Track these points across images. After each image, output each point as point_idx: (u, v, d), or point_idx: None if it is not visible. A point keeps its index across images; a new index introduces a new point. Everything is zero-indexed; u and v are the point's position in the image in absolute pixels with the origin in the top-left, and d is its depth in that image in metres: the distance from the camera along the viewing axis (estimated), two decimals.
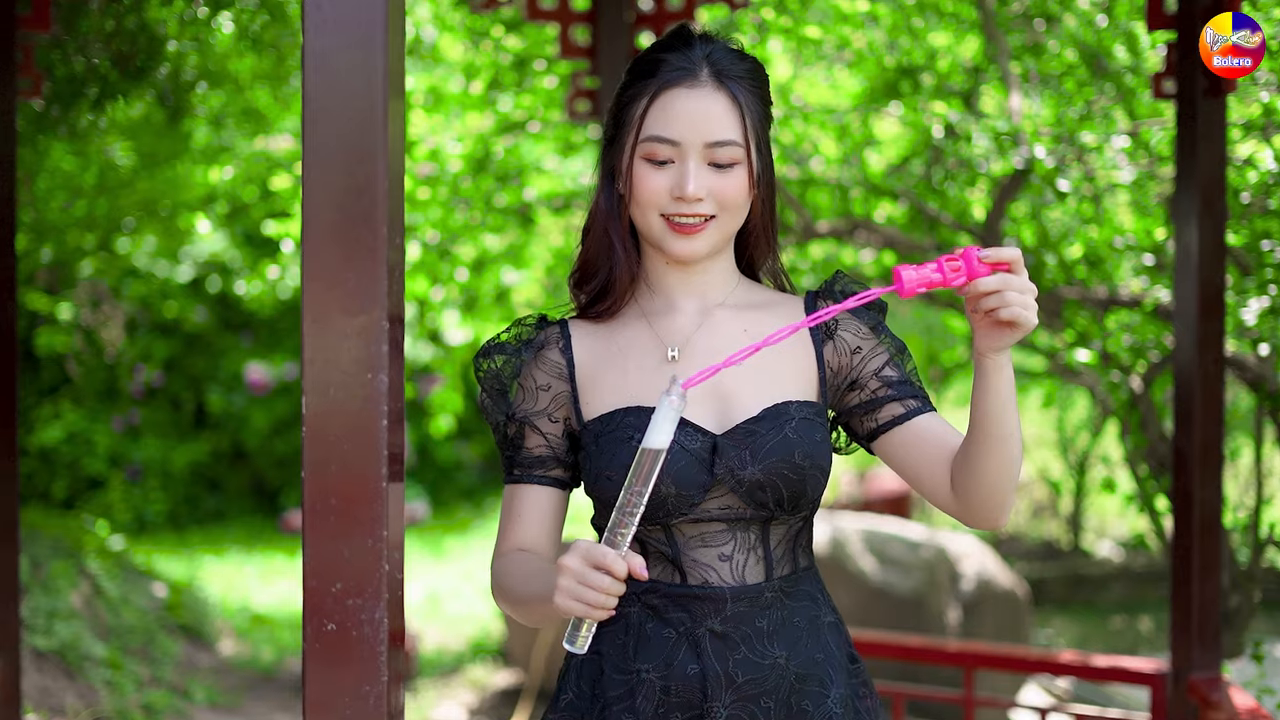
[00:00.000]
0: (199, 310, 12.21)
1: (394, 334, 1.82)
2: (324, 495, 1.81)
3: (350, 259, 1.79)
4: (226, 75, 6.67)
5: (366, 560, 1.81)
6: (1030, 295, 2.07)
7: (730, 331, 2.37)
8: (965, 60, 5.80)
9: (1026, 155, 4.98)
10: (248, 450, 12.51)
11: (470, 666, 8.27)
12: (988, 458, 2.18)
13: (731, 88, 2.30)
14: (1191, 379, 3.98)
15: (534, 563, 2.35)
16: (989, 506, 2.23)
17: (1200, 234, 3.97)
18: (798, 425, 2.28)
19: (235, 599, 9.62)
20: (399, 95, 1.85)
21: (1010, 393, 2.16)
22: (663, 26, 4.95)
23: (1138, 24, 5.56)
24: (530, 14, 4.94)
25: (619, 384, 2.37)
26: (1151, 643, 8.89)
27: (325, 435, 1.80)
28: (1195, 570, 4.02)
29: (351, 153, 1.79)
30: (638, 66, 2.36)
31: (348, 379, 1.80)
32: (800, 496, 2.28)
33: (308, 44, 1.79)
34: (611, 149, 2.39)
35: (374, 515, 1.81)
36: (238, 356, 12.39)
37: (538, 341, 2.43)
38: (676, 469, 2.25)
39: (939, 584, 7.07)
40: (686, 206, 2.28)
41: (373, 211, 1.78)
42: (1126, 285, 5.37)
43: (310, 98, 1.79)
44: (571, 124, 5.13)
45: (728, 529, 2.30)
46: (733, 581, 2.30)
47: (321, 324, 1.80)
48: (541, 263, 7.17)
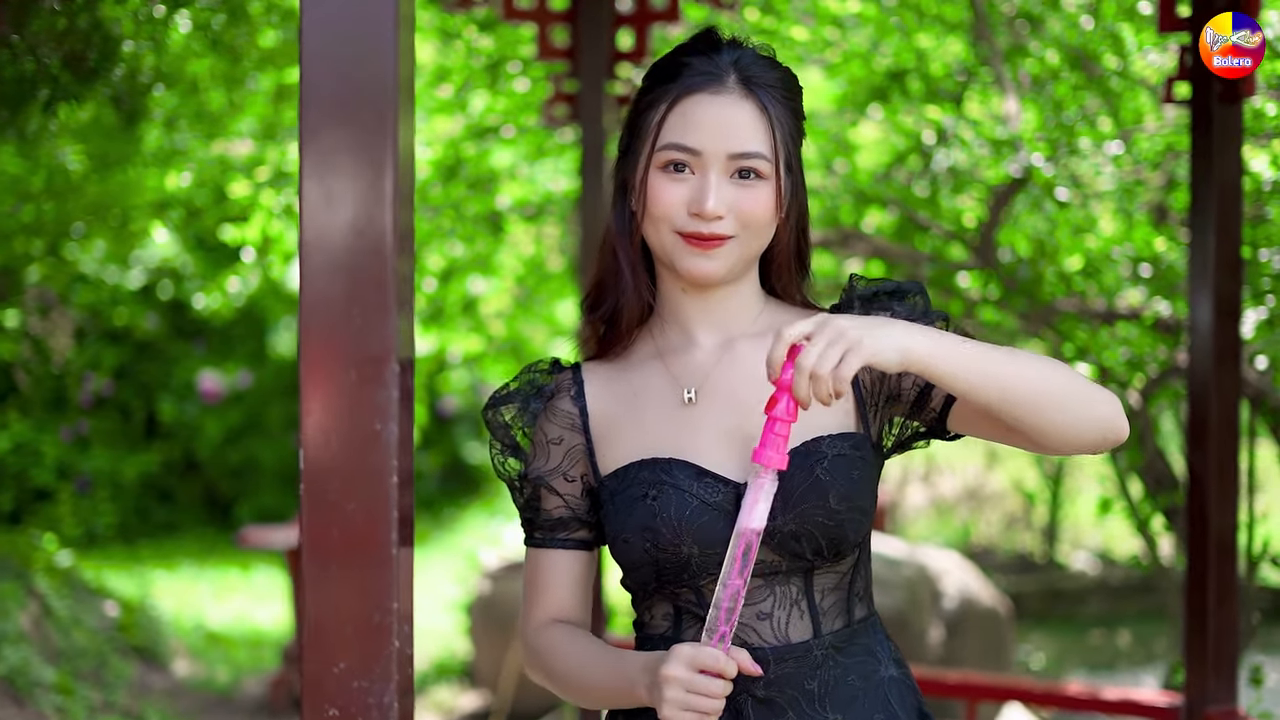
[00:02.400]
0: (150, 317, 11.97)
1: (404, 380, 1.59)
2: (325, 563, 1.58)
3: (355, 293, 1.56)
4: (182, 77, 6.42)
5: (374, 637, 1.58)
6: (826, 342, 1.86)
7: (752, 365, 2.12)
8: (956, 63, 5.61)
9: (1024, 163, 4.80)
10: (200, 461, 12.26)
11: (434, 688, 8.04)
12: (1026, 418, 1.95)
13: (760, 96, 2.07)
14: (1207, 394, 3.80)
15: (588, 646, 2.16)
16: (1080, 436, 1.98)
17: (1217, 243, 3.79)
18: (831, 464, 2.05)
19: (189, 616, 9.37)
20: (409, 101, 1.63)
21: (972, 367, 1.92)
22: (645, 27, 4.76)
23: (1124, 26, 5.41)
24: (506, 14, 4.72)
25: (635, 434, 2.14)
26: (1133, 655, 8.76)
27: (326, 495, 1.57)
28: (1211, 597, 3.85)
29: (352, 167, 1.57)
30: (658, 71, 2.13)
31: (352, 431, 1.56)
32: (841, 542, 2.05)
33: (306, 52, 1.56)
34: (625, 161, 2.15)
35: (382, 585, 1.58)
36: (190, 364, 12.15)
37: (548, 390, 2.21)
38: (697, 526, 2.03)
39: (920, 602, 6.88)
40: (704, 225, 2.05)
41: (380, 240, 1.56)
42: (1124, 297, 5.20)
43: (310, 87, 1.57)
44: (548, 129, 4.90)
45: (764, 584, 2.07)
46: (774, 641, 2.07)
47: (321, 367, 1.57)
48: (511, 272, 6.95)
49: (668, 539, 2.03)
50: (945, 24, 5.57)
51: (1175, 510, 5.29)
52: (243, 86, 6.82)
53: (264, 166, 6.67)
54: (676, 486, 2.05)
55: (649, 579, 2.09)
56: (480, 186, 6.13)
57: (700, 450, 2.09)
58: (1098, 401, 1.98)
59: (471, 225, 6.19)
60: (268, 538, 7.88)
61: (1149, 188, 5.49)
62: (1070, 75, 5.41)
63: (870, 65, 5.57)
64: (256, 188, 6.50)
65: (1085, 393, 1.98)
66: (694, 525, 2.02)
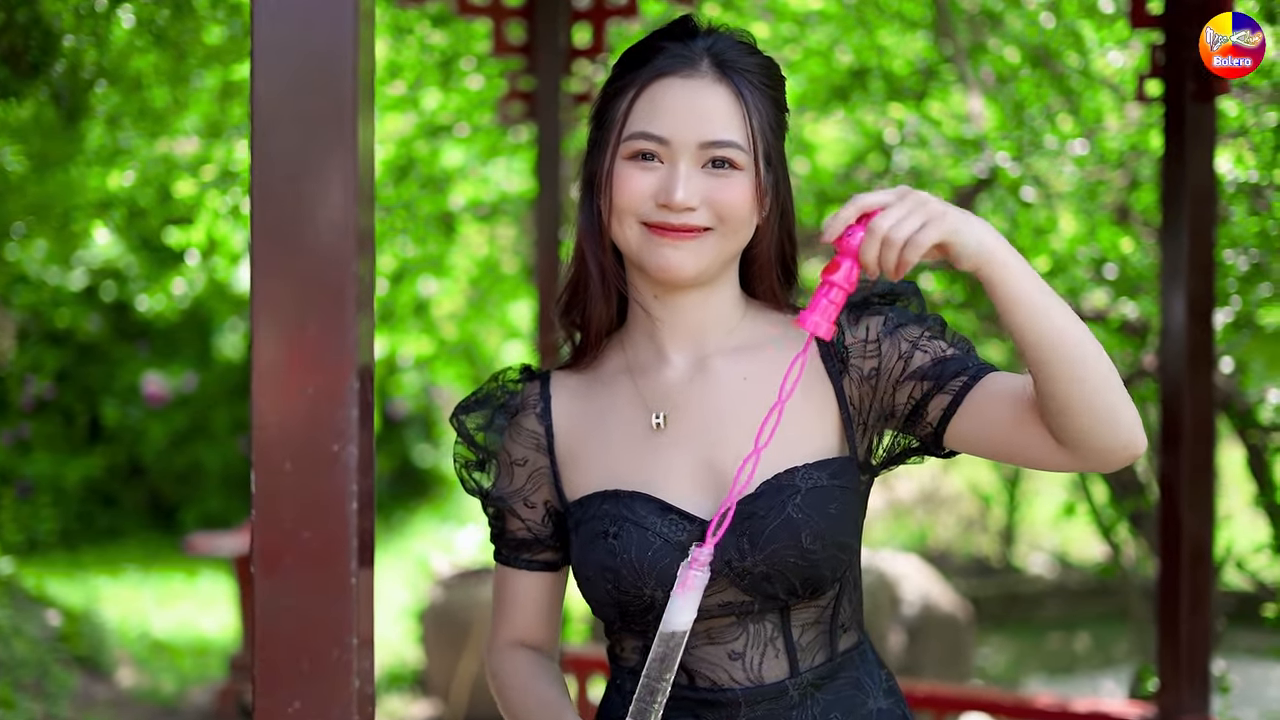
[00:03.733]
0: (93, 319, 11.74)
1: (364, 395, 1.47)
2: (278, 594, 1.46)
3: (311, 303, 1.44)
4: (125, 73, 6.25)
5: (332, 674, 1.46)
6: (908, 210, 1.69)
7: (727, 384, 1.98)
8: (918, 60, 5.52)
9: (990, 163, 4.71)
10: (145, 465, 12.04)
11: (385, 697, 7.89)
12: (1065, 381, 1.74)
13: (736, 81, 1.92)
14: (1180, 398, 3.73)
15: (535, 693, 2.05)
16: (1103, 435, 1.77)
17: (1190, 244, 3.71)
18: (805, 498, 1.89)
19: (133, 624, 9.18)
20: (369, 97, 1.50)
21: (1036, 298, 1.73)
22: (603, 23, 4.65)
23: (1085, 24, 5.34)
24: (460, 9, 4.59)
25: (600, 459, 2.00)
26: (1092, 659, 8.71)
27: (280, 521, 1.45)
28: (1184, 605, 3.78)
29: (308, 165, 1.44)
30: (627, 57, 1.99)
31: (307, 452, 1.44)
32: (817, 582, 1.91)
33: (259, 44, 1.44)
34: (592, 155, 2.00)
35: (341, 618, 1.46)
36: (134, 367, 11.93)
37: (513, 404, 2.07)
38: (660, 568, 1.88)
39: (880, 608, 6.80)
40: (673, 216, 1.89)
41: (339, 243, 1.43)
42: (1089, 299, 5.13)
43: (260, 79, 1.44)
44: (503, 127, 4.78)
45: (736, 622, 1.93)
46: (747, 682, 1.93)
47: (274, 384, 1.44)
48: (464, 273, 6.81)
49: (629, 580, 1.90)
50: (906, 21, 5.49)
51: (1141, 515, 5.22)
52: (188, 83, 6.65)
53: (210, 165, 6.51)
54: (639, 524, 1.92)
55: (614, 617, 1.97)
56: (433, 186, 6.00)
57: (667, 483, 1.95)
58: (1128, 402, 1.79)
59: (424, 225, 6.06)
60: (215, 544, 7.72)
61: (1111, 188, 5.42)
62: (1032, 73, 5.34)
63: (830, 63, 5.47)
64: (202, 188, 6.34)
65: (1121, 386, 1.79)
66: (657, 567, 1.89)
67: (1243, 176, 4.39)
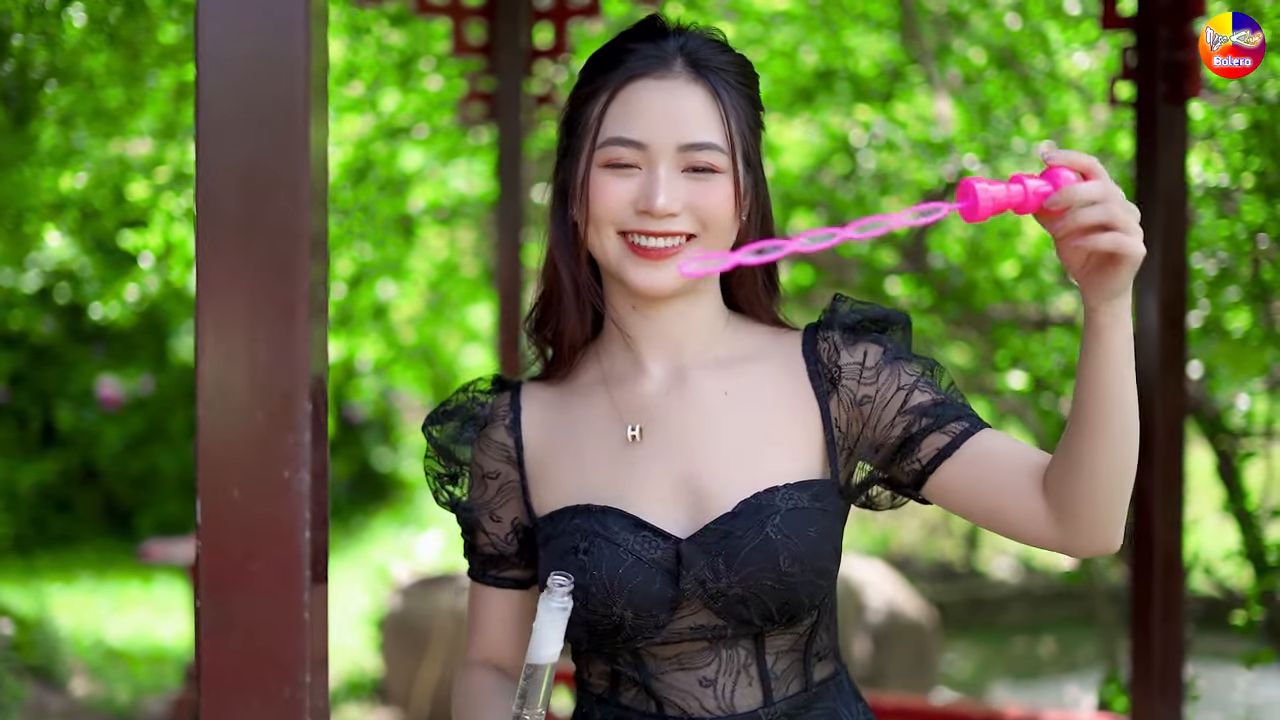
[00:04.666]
0: (46, 321, 11.59)
1: (318, 417, 1.38)
2: (226, 628, 1.37)
3: (260, 319, 1.35)
4: (77, 73, 6.14)
5: (283, 713, 1.37)
6: (1134, 215, 1.59)
7: (707, 398, 1.90)
8: (885, 62, 5.46)
9: (958, 165, 4.65)
10: (99, 469, 11.89)
11: (344, 706, 7.78)
12: (1103, 452, 1.67)
13: (712, 81, 1.85)
14: (1153, 405, 3.67)
15: (484, 717, 1.97)
16: (1103, 522, 1.71)
17: (1163, 248, 3.66)
18: (785, 520, 1.81)
19: (87, 633, 9.05)
20: (322, 101, 1.41)
21: (1127, 359, 1.65)
22: (564, 23, 4.57)
23: (1050, 25, 5.29)
24: (419, 8, 4.52)
25: (572, 473, 1.92)
26: (1057, 663, 8.68)
27: (228, 553, 1.36)
28: (1156, 615, 3.74)
29: (261, 171, 1.35)
30: (597, 60, 1.91)
31: (257, 480, 1.35)
32: (795, 608, 1.83)
33: (203, 49, 1.35)
34: (564, 164, 1.92)
35: (292, 655, 1.37)
36: (88, 370, 11.78)
37: (483, 416, 1.99)
38: (631, 587, 1.81)
39: (845, 614, 6.74)
40: (655, 223, 1.81)
41: (291, 257, 1.34)
42: (1057, 304, 5.08)
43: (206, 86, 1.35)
44: (463, 129, 4.70)
45: (709, 647, 1.86)
46: (718, 711, 1.86)
47: (220, 404, 1.35)
48: (423, 276, 6.71)
49: (598, 599, 1.82)
50: (871, 21, 5.43)
51: None
52: (142, 83, 6.54)
53: (164, 167, 6.39)
54: (610, 540, 1.84)
55: (582, 637, 1.89)
56: (391, 188, 5.90)
57: (641, 499, 1.87)
58: (1129, 499, 1.74)
59: (382, 229, 5.96)
60: (170, 552, 7.59)
61: None
62: (998, 75, 5.28)
63: (795, 64, 5.41)
64: (156, 190, 6.22)
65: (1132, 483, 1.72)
66: (627, 586, 1.81)
67: (1212, 180, 4.34)
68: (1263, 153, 4.05)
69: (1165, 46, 3.60)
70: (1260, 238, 4.27)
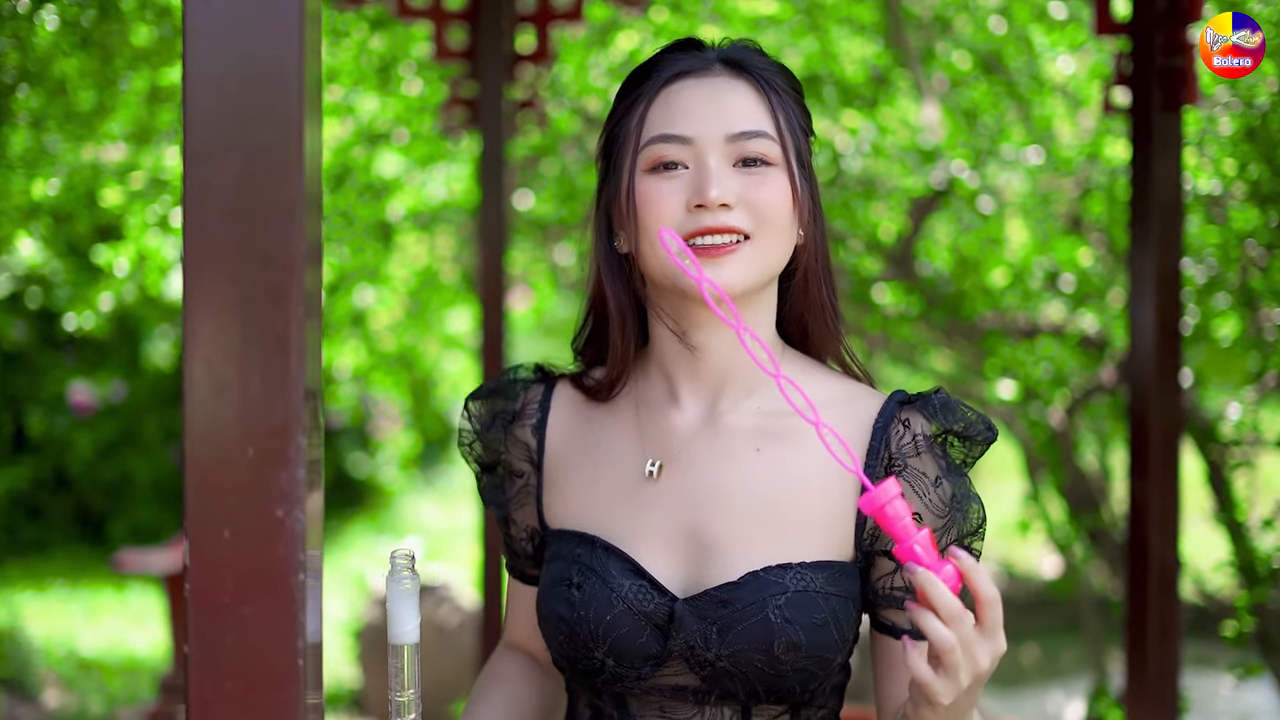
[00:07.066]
0: (17, 326, 11.47)
1: (313, 450, 1.31)
2: (216, 678, 1.29)
3: (250, 349, 1.27)
4: (49, 76, 6.04)
5: None
6: (985, 651, 1.49)
7: (737, 451, 1.78)
8: (871, 66, 5.40)
9: (945, 173, 4.59)
10: (71, 476, 11.77)
11: None
12: None
13: (755, 75, 1.75)
14: (1148, 417, 3.61)
15: (483, 696, 1.96)
16: None
17: (1159, 256, 3.60)
18: (790, 602, 1.69)
19: (60, 643, 8.95)
20: (316, 119, 1.34)
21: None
22: (547, 27, 4.50)
23: (1035, 29, 5.24)
24: (400, 11, 4.44)
25: (584, 493, 1.84)
26: (1040, 671, 8.65)
27: (218, 597, 1.28)
28: (1152, 630, 3.68)
29: (248, 191, 1.27)
30: (632, 77, 1.82)
31: (248, 520, 1.27)
32: (784, 692, 1.72)
33: (191, 49, 1.27)
34: (606, 187, 1.81)
35: (286, 705, 1.29)
36: (60, 375, 11.67)
37: (510, 410, 1.91)
38: (617, 635, 1.72)
39: None
40: (709, 217, 1.68)
41: (285, 285, 1.26)
42: (1046, 313, 5.03)
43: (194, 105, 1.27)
44: (444, 134, 4.62)
45: (693, 705, 1.77)
46: None
47: (210, 439, 1.27)
48: (402, 283, 6.63)
49: (582, 639, 1.75)
50: (855, 25, 5.36)
51: (1098, 532, 5.13)
52: (115, 87, 6.44)
53: (138, 173, 6.30)
54: (605, 581, 1.75)
55: (564, 667, 1.82)
56: (370, 194, 5.81)
57: (645, 543, 1.78)
58: None
59: (361, 234, 5.87)
60: (144, 562, 7.50)
61: (1065, 197, 5.32)
62: (984, 80, 5.23)
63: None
64: (130, 196, 6.12)
65: None
66: (613, 634, 1.73)
67: (1203, 187, 4.29)
68: (1256, 159, 4.00)
69: (1160, 52, 3.55)
70: (1249, 244, 4.22)
